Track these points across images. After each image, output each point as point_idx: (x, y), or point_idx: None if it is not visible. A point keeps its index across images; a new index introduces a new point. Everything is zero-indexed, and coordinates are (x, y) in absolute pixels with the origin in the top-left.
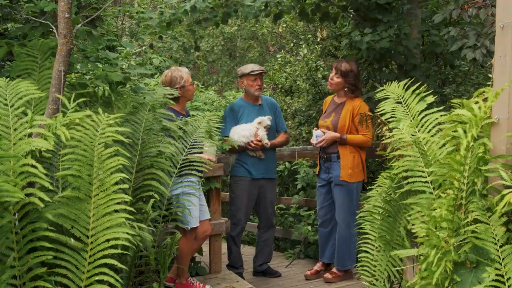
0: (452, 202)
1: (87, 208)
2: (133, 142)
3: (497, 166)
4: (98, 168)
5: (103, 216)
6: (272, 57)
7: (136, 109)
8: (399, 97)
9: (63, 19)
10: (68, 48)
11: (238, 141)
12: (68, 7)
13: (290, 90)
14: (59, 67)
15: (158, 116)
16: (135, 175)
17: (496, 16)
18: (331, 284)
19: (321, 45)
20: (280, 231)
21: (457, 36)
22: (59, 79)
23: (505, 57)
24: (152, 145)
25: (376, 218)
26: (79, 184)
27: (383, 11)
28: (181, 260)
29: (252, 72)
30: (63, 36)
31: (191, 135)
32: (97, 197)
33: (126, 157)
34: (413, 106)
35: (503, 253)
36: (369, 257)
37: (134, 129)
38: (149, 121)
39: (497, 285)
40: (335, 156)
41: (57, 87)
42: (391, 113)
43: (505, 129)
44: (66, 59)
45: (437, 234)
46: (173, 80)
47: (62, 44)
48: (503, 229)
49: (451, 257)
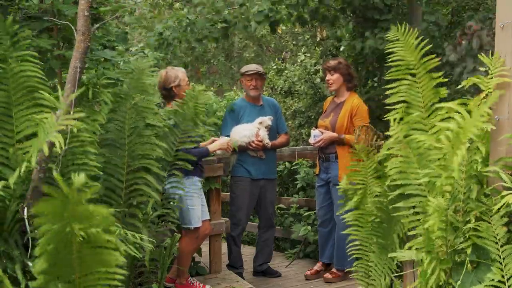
0: (444, 212)
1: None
2: (119, 143)
3: (496, 168)
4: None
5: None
6: (272, 57)
7: (117, 103)
8: (414, 66)
9: (82, 16)
10: (85, 46)
11: (240, 141)
12: (88, 5)
13: (289, 91)
14: (76, 63)
15: (139, 109)
16: (126, 177)
17: (496, 16)
18: (331, 284)
19: (321, 46)
20: (280, 231)
21: (456, 60)
22: (75, 76)
23: (505, 57)
24: (140, 147)
25: (367, 222)
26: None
27: (381, 12)
28: (181, 260)
29: (247, 72)
30: (82, 33)
31: (179, 126)
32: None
33: (114, 160)
34: (427, 92)
35: (503, 253)
36: (364, 262)
37: (118, 128)
38: (133, 118)
39: (497, 285)
40: (334, 156)
41: (72, 83)
42: (403, 93)
43: (505, 129)
44: (83, 56)
45: (431, 243)
46: (168, 79)
47: (80, 41)
48: (504, 229)
49: (445, 266)
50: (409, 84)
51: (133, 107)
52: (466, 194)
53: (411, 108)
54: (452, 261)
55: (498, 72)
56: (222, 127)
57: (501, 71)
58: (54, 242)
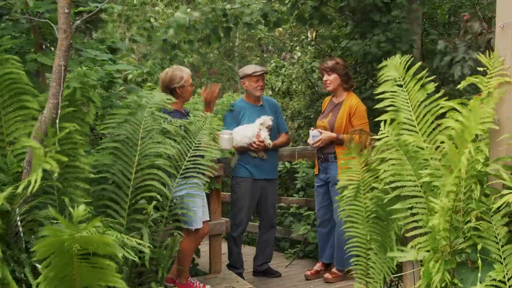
0: (448, 212)
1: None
2: (133, 142)
3: (497, 167)
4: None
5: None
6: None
7: (135, 110)
8: (400, 78)
9: (62, 14)
10: (67, 43)
11: (241, 142)
12: (68, 2)
13: (287, 91)
14: (59, 61)
15: (157, 117)
16: (135, 175)
17: (496, 16)
18: (331, 284)
19: (315, 46)
20: (280, 231)
21: (447, 49)
22: (60, 74)
23: (505, 57)
24: (152, 146)
25: (363, 218)
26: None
27: (381, 12)
28: (182, 260)
29: (255, 73)
30: (63, 31)
31: (195, 135)
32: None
33: (124, 155)
34: (414, 94)
35: (504, 253)
36: (362, 259)
37: (133, 129)
38: (149, 123)
39: (498, 284)
40: (332, 156)
41: (57, 82)
42: (390, 100)
43: (505, 129)
44: (66, 53)
45: (436, 242)
46: (173, 79)
47: (62, 39)
48: (505, 229)
49: (450, 266)
50: (396, 91)
51: (151, 115)
52: (467, 194)
53: (399, 111)
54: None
55: (498, 72)
56: (222, 127)
57: (501, 71)
58: (56, 270)
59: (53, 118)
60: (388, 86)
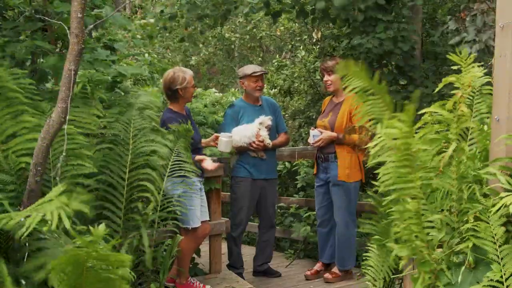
0: (417, 215)
1: None
2: (124, 141)
3: (494, 169)
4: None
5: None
6: (272, 57)
7: (125, 109)
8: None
9: (75, 18)
10: (79, 48)
11: (240, 142)
12: (81, 7)
13: (288, 91)
14: (70, 66)
15: (145, 116)
16: (129, 175)
17: (496, 16)
18: (331, 284)
19: (319, 46)
20: (280, 231)
21: (455, 31)
22: (69, 78)
23: (505, 57)
24: (145, 144)
25: (376, 218)
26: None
27: (382, 11)
28: (182, 260)
29: (254, 73)
30: (75, 35)
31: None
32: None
33: (117, 155)
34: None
35: (502, 253)
36: (371, 257)
37: (124, 128)
38: (138, 121)
39: (496, 285)
40: (333, 156)
41: (66, 86)
42: (367, 111)
43: (504, 129)
44: (77, 58)
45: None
46: (175, 80)
47: (74, 43)
48: (503, 229)
49: (427, 268)
50: (372, 103)
51: (139, 114)
52: (459, 194)
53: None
54: (449, 262)
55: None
56: (222, 127)
57: (501, 71)
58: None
59: (61, 122)
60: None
